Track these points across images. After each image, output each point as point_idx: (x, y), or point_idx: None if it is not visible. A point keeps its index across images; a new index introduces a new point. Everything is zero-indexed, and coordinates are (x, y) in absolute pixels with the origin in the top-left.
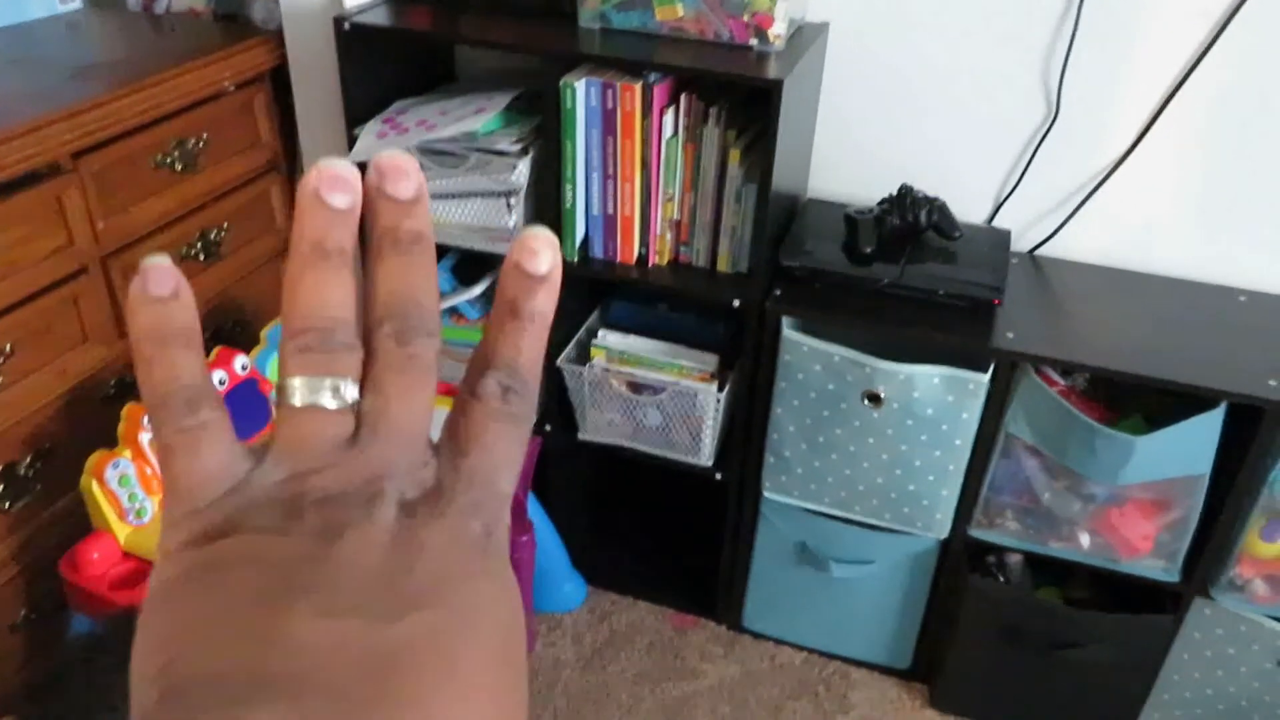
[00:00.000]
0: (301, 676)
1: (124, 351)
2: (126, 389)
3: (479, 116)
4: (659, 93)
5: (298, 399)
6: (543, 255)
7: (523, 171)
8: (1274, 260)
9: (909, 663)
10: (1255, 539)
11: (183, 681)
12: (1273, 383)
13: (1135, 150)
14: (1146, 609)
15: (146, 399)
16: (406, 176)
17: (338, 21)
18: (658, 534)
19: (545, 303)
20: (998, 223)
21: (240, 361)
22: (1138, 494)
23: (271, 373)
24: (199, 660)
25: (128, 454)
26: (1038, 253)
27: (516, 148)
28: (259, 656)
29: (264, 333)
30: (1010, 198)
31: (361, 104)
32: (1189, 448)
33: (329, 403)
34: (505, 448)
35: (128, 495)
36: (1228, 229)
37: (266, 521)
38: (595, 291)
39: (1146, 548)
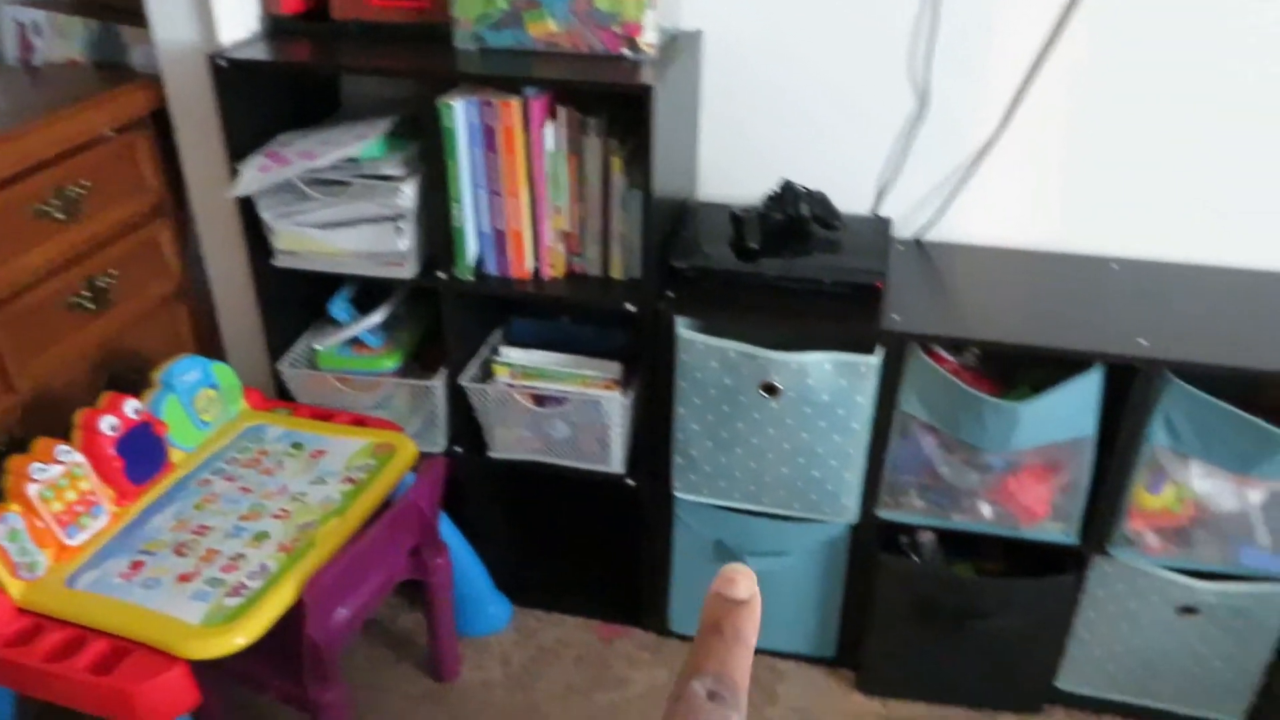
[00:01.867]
0: None
1: (11, 406)
2: (13, 444)
3: (360, 143)
4: (537, 107)
5: None
6: (741, 585)
7: (408, 194)
8: (1141, 228)
9: (834, 651)
10: (1142, 493)
11: None
12: (1142, 341)
13: (1003, 133)
14: (1054, 573)
15: None
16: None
17: (213, 59)
18: (579, 546)
19: (747, 626)
20: (882, 211)
21: (131, 406)
22: (1030, 460)
23: (166, 414)
24: None
25: (16, 508)
26: (923, 238)
27: (402, 171)
28: None
29: (156, 375)
30: (891, 187)
31: (244, 139)
32: (1071, 411)
33: None
34: None
35: (18, 549)
36: (1096, 201)
37: None
38: (497, 310)
39: (1044, 512)
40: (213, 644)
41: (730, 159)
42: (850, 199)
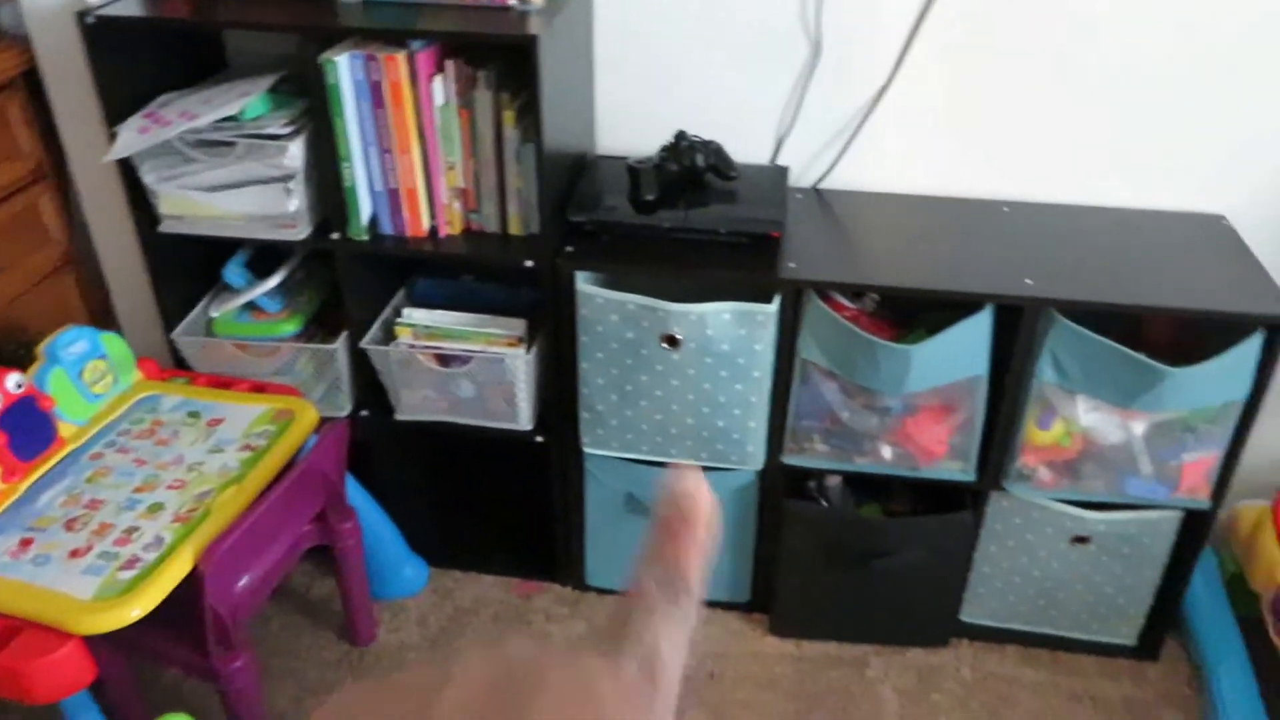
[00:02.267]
0: None
1: None
2: None
3: (241, 101)
4: (423, 61)
5: None
6: (693, 483)
7: (295, 154)
8: (1030, 171)
9: (748, 596)
10: (1033, 429)
11: None
12: (1029, 281)
13: (894, 80)
14: (954, 510)
15: None
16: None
17: (80, 16)
18: (494, 505)
19: (695, 522)
20: (780, 161)
21: (13, 380)
22: (927, 402)
23: (52, 388)
24: None
25: None
26: (821, 186)
27: (288, 130)
28: None
29: (41, 348)
30: (789, 136)
31: (122, 101)
32: (963, 352)
33: None
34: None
35: None
36: (987, 145)
37: None
38: (400, 270)
39: (941, 451)
40: (106, 618)
41: (628, 111)
42: (749, 149)
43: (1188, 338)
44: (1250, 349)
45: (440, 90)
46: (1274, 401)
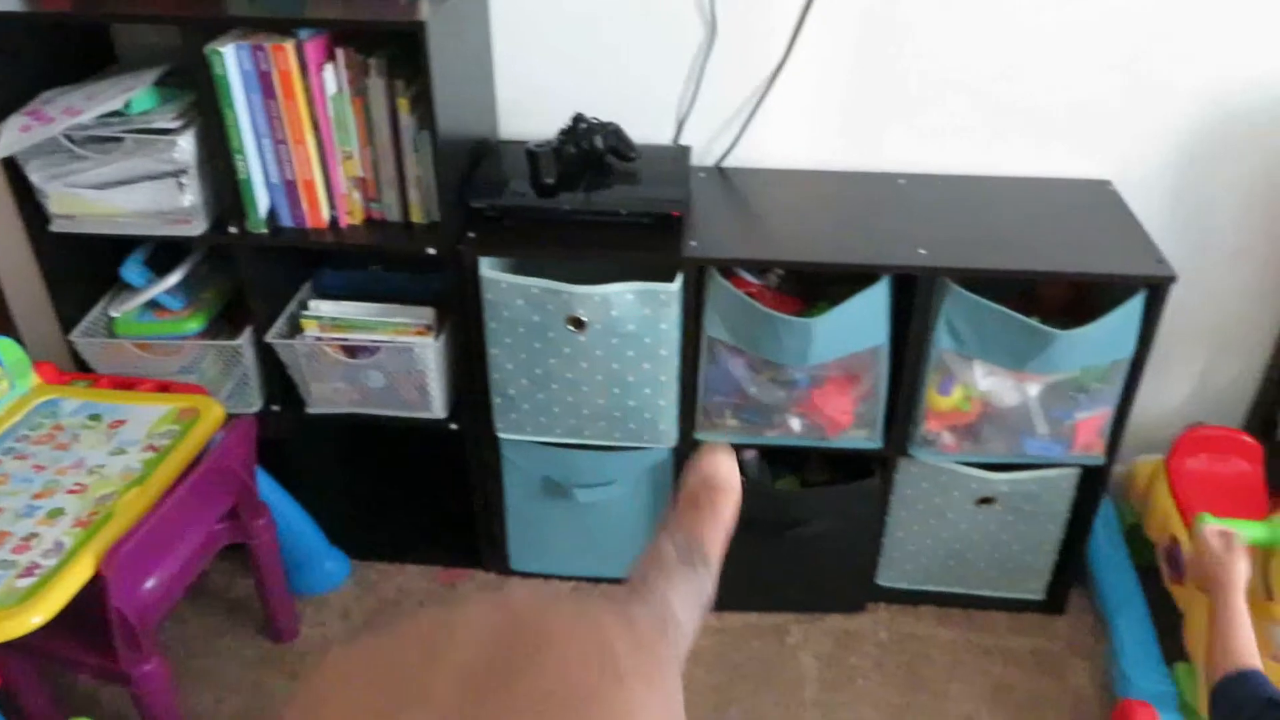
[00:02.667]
0: None
1: None
2: None
3: (126, 95)
4: (313, 50)
5: None
6: (724, 465)
7: (186, 148)
8: (924, 143)
9: None
10: (934, 395)
11: None
12: (922, 251)
13: (789, 58)
14: (865, 478)
15: None
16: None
17: None
18: (414, 495)
19: (724, 504)
20: (683, 140)
21: None
22: (831, 373)
23: None
24: None
25: None
26: (723, 164)
27: (177, 124)
28: None
29: None
30: (689, 116)
31: (6, 99)
32: (863, 322)
33: None
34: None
35: None
36: (882, 119)
37: None
38: (305, 262)
39: (847, 421)
40: (4, 627)
41: (530, 95)
42: (652, 130)
43: (1081, 299)
44: (1134, 308)
45: (332, 79)
46: (1161, 359)
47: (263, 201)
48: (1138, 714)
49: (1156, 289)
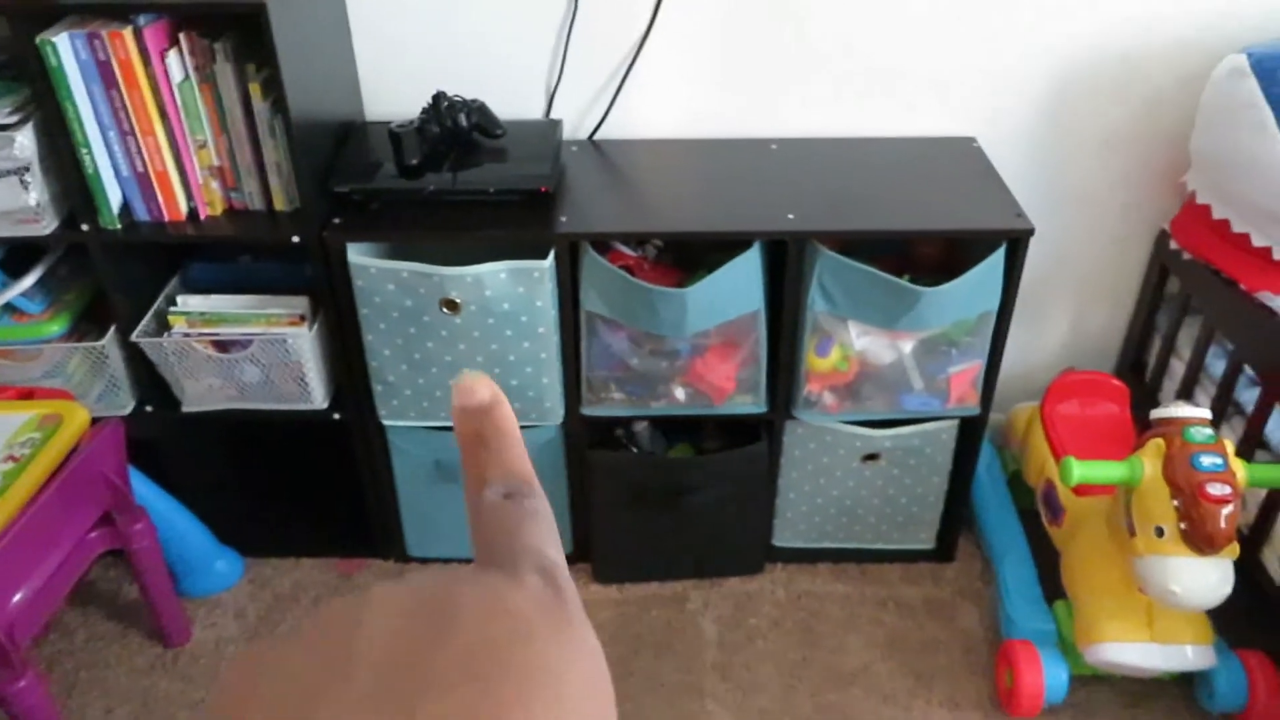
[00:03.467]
0: None
1: None
2: None
3: None
4: (153, 36)
5: None
6: (480, 389)
7: (25, 144)
8: (795, 108)
9: (571, 547)
10: (814, 357)
11: None
12: (791, 216)
13: (655, 25)
14: (758, 442)
15: None
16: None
17: None
18: (304, 488)
19: (505, 422)
20: (554, 114)
21: None
22: (712, 341)
23: None
24: None
25: None
26: (596, 137)
27: (14, 119)
28: None
29: None
30: (558, 89)
31: None
32: (737, 289)
33: None
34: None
35: None
36: (752, 85)
37: None
38: (170, 257)
39: (731, 387)
40: None
41: (394, 74)
42: (522, 105)
43: (952, 256)
44: (996, 262)
45: (177, 66)
46: (1034, 309)
47: (114, 196)
48: (1018, 652)
49: (1017, 242)
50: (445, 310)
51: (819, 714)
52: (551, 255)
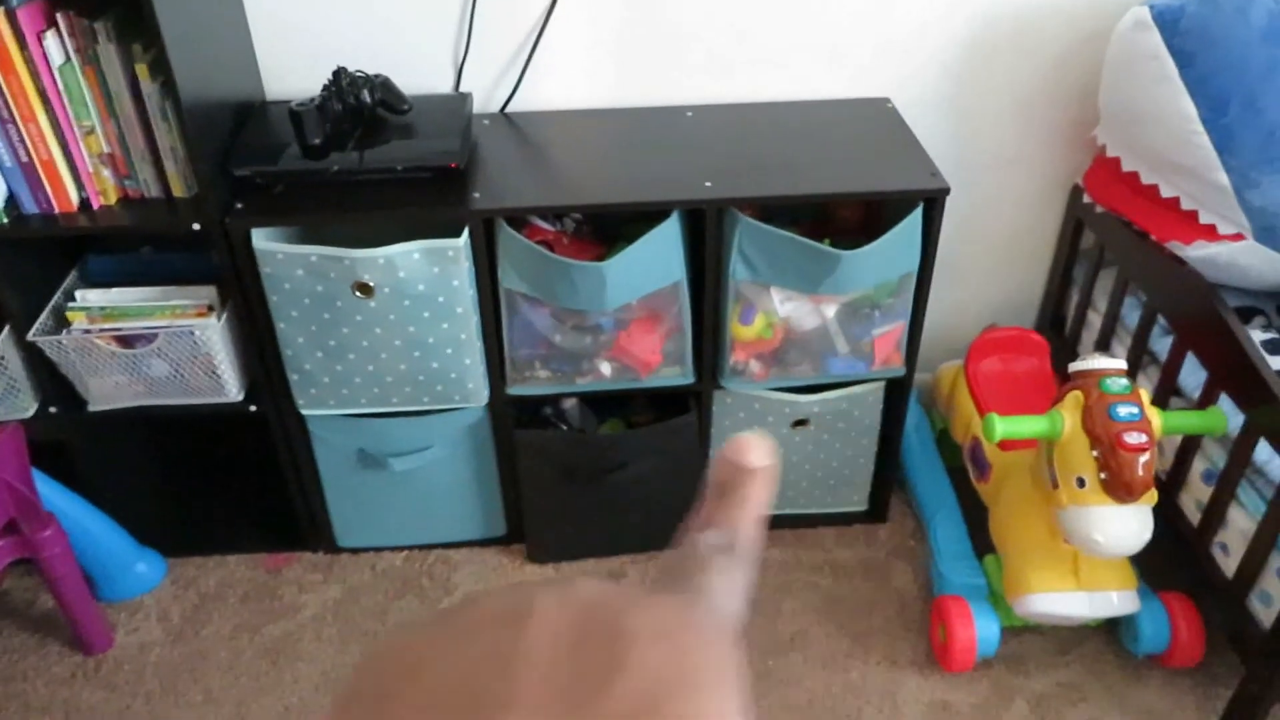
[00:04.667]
0: None
1: None
2: None
3: None
4: (27, 16)
5: None
6: (753, 453)
7: None
8: (708, 74)
9: (504, 529)
10: (738, 325)
11: None
12: (708, 184)
13: None
14: (683, 414)
15: None
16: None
17: None
18: (226, 483)
19: (757, 492)
20: (463, 88)
21: None
22: (636, 314)
23: None
24: None
25: None
26: (508, 110)
27: None
28: None
29: None
30: (466, 62)
31: None
32: (657, 260)
33: None
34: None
35: None
36: (665, 52)
37: None
38: (65, 251)
39: (657, 360)
40: None
41: (293, 52)
42: (429, 79)
43: (873, 218)
44: (913, 223)
45: (56, 48)
46: (955, 268)
47: None
48: (950, 607)
49: (933, 202)
50: (358, 294)
51: (759, 681)
52: (466, 233)
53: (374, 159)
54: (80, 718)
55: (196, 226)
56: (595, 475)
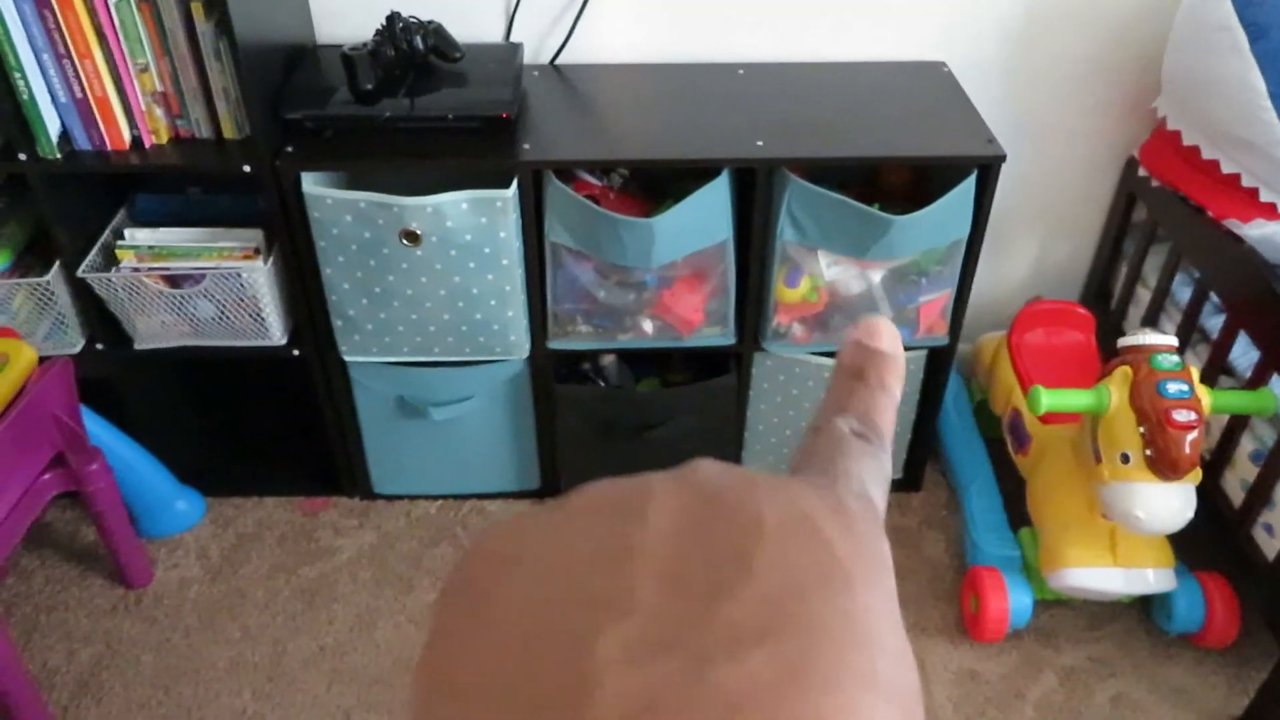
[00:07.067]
0: None
1: None
2: None
3: None
4: None
5: None
6: (884, 335)
7: None
8: (762, 32)
9: (538, 482)
10: (783, 287)
11: None
12: (759, 143)
13: None
14: (723, 374)
15: None
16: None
17: None
18: (266, 425)
19: (890, 376)
20: (514, 38)
21: None
22: (680, 272)
23: None
24: None
25: None
26: (558, 61)
27: None
28: None
29: None
30: (518, 11)
31: None
32: (705, 218)
33: None
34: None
35: None
36: (719, 8)
37: None
38: (116, 188)
39: (699, 319)
40: None
41: None
42: (481, 28)
43: (922, 183)
44: (966, 190)
45: None
46: (1002, 238)
47: (53, 124)
48: (983, 578)
49: (987, 169)
50: (405, 242)
51: None
52: (514, 184)
53: (425, 106)
54: (121, 648)
55: (247, 168)
56: (633, 432)
